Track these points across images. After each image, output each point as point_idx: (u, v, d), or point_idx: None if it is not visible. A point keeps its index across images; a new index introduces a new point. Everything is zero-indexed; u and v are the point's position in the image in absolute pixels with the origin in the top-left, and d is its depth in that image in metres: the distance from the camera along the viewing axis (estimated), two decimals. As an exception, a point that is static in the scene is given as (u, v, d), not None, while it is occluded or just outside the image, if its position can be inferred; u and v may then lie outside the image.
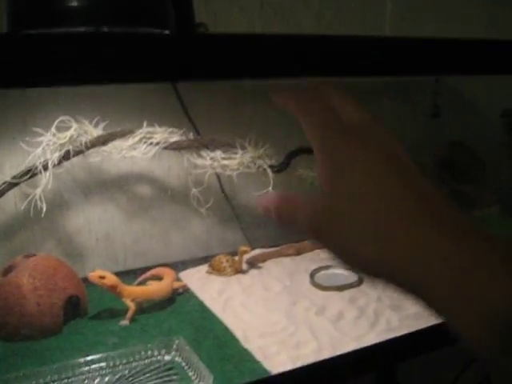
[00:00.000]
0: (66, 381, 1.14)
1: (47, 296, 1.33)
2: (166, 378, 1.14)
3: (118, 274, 1.55)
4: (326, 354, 1.24)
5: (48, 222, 1.64)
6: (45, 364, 1.21)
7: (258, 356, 1.23)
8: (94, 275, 1.38)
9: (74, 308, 1.42)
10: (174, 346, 1.23)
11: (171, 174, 1.78)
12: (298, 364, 1.19)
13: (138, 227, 1.77)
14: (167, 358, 1.22)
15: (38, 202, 1.39)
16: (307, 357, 1.23)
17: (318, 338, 1.31)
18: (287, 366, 1.19)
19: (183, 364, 1.19)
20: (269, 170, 1.56)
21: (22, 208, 1.49)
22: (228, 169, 1.54)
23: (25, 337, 1.32)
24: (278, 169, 1.61)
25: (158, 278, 1.57)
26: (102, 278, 1.38)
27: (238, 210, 1.85)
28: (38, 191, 1.38)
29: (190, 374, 1.15)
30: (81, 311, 1.43)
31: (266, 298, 1.52)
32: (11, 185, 1.43)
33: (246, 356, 1.23)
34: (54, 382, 1.14)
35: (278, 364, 1.20)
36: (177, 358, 1.21)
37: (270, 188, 1.55)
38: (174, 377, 1.15)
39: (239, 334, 1.33)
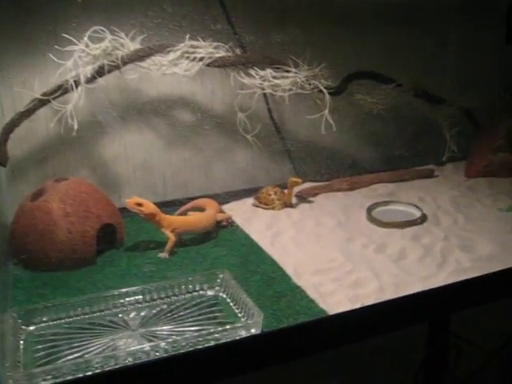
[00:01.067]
0: (98, 314, 1.02)
1: (79, 223, 1.21)
2: (209, 315, 1.01)
3: (156, 204, 1.42)
4: (389, 294, 1.09)
5: (82, 148, 1.51)
6: (76, 296, 1.10)
7: (312, 294, 1.09)
8: (130, 202, 1.25)
9: (108, 238, 1.30)
10: (218, 281, 1.10)
11: (215, 98, 1.62)
12: (358, 304, 1.05)
13: (178, 156, 1.62)
14: (210, 292, 1.09)
15: (69, 120, 1.25)
16: (368, 297, 1.08)
17: (379, 276, 1.16)
18: (346, 306, 1.04)
19: (228, 300, 1.06)
20: (325, 92, 1.38)
21: (53, 126, 1.34)
22: (279, 89, 1.37)
23: (55, 267, 1.20)
24: (335, 91, 1.43)
25: (200, 209, 1.43)
26: (140, 205, 1.25)
27: (288, 138, 1.69)
28: (69, 107, 1.24)
29: (237, 310, 1.02)
30: (116, 242, 1.31)
31: (319, 234, 1.37)
32: (41, 102, 1.30)
33: (298, 294, 1.09)
34: (85, 314, 1.02)
35: (335, 303, 1.06)
36: (221, 294, 1.08)
37: (326, 112, 1.38)
38: (218, 313, 1.02)
39: (290, 270, 1.19)
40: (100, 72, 1.29)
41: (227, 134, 1.63)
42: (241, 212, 1.50)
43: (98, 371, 0.85)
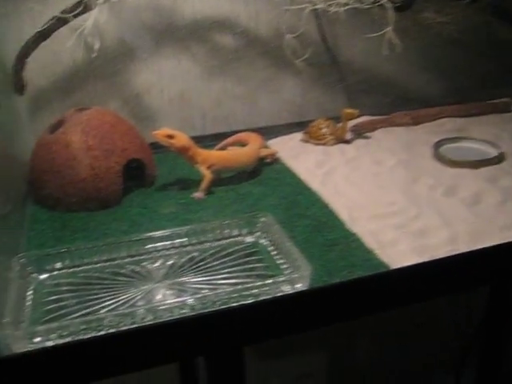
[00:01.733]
0: (119, 261, 0.88)
1: (103, 158, 1.06)
2: (246, 266, 0.86)
3: (194, 139, 1.27)
4: (463, 246, 0.91)
5: (112, 77, 1.36)
6: (98, 239, 0.96)
7: (370, 243, 0.92)
8: (159, 133, 1.09)
9: (136, 175, 1.15)
10: (259, 225, 0.94)
11: (260, 21, 1.42)
12: (426, 257, 0.88)
13: (218, 86, 1.45)
14: (250, 239, 0.93)
15: (89, 39, 1.08)
16: (437, 248, 0.91)
17: (450, 224, 0.97)
18: (410, 259, 0.87)
19: (270, 248, 0.90)
20: (388, 6, 1.17)
21: (74, 48, 1.18)
22: (334, 4, 1.16)
23: (76, 207, 1.06)
24: (400, 6, 1.22)
25: (242, 144, 1.26)
26: (170, 137, 1.09)
27: (343, 64, 1.48)
28: (89, 24, 1.07)
29: (280, 261, 0.86)
30: (145, 180, 1.16)
31: (377, 173, 1.19)
32: (60, 21, 1.13)
33: (353, 242, 0.92)
34: (104, 262, 0.88)
35: (397, 255, 0.88)
36: (262, 241, 0.92)
37: (390, 29, 1.16)
38: (258, 264, 0.86)
39: (344, 214, 1.01)
40: (126, -16, 1.12)
41: (273, 60, 1.44)
42: (287, 148, 1.32)
43: (110, 331, 0.71)
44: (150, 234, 0.91)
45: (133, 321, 0.72)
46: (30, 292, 0.82)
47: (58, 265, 0.87)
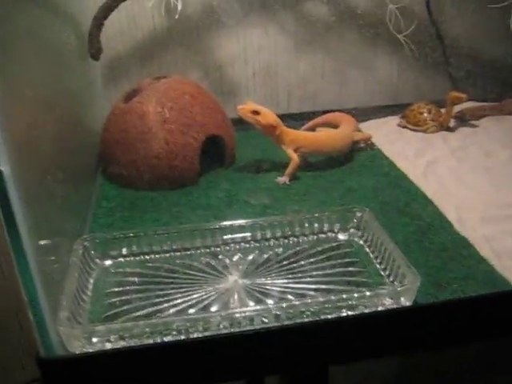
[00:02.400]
0: (192, 252, 0.77)
1: (180, 132, 0.95)
2: (339, 269, 0.73)
3: (278, 117, 1.15)
4: None
5: (194, 45, 1.25)
6: (169, 223, 0.86)
7: (485, 251, 0.77)
8: (244, 108, 0.97)
9: (215, 154, 1.04)
10: (355, 221, 0.80)
11: (358, -12, 1.27)
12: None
13: (307, 60, 1.31)
14: (342, 236, 0.80)
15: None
16: None
17: None
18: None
19: (367, 249, 0.77)
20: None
21: (157, 16, 1.08)
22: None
23: (148, 185, 0.97)
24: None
25: (334, 125, 1.13)
26: (256, 113, 0.97)
27: (449, 42, 1.32)
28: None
29: (379, 266, 0.73)
30: (225, 159, 1.05)
31: (488, 168, 1.03)
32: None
33: (464, 249, 0.78)
34: (176, 251, 0.77)
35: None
36: (357, 239, 0.79)
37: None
38: (351, 268, 0.73)
39: (451, 214, 0.87)
40: None
41: (369, 33, 1.29)
42: (382, 133, 1.18)
43: (179, 338, 0.60)
44: (229, 222, 0.79)
45: (206, 326, 0.60)
46: (92, 280, 0.73)
47: (124, 250, 0.77)
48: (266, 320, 0.62)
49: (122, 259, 0.77)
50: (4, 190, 0.52)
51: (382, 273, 0.71)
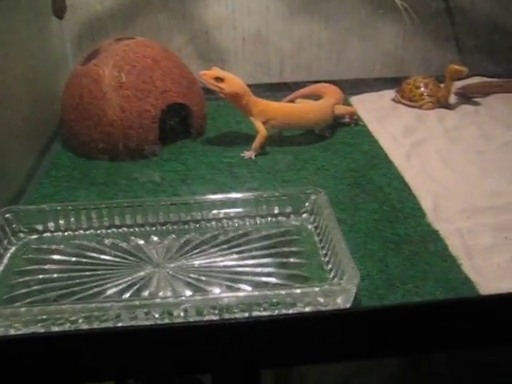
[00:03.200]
0: (125, 229, 0.70)
1: (136, 98, 0.87)
2: (281, 259, 0.64)
3: (268, 86, 1.06)
4: None
5: (177, 7, 1.16)
6: (115, 196, 0.79)
7: (456, 248, 0.68)
8: (206, 74, 0.88)
9: (182, 124, 0.96)
10: (308, 204, 0.71)
11: None
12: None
13: (302, 27, 1.21)
14: (293, 222, 0.71)
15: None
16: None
17: None
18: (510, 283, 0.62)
19: (316, 238, 0.68)
20: None
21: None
22: None
23: (103, 155, 0.90)
24: None
25: (317, 98, 1.03)
26: (220, 80, 0.88)
27: (456, 11, 1.19)
28: None
29: (323, 259, 0.64)
30: (192, 131, 0.97)
31: (483, 151, 0.92)
32: None
33: (432, 244, 0.68)
34: (109, 227, 0.70)
35: (491, 272, 0.64)
36: (309, 226, 0.70)
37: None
38: (292, 259, 0.64)
39: (427, 202, 0.77)
40: None
41: (372, 2, 1.18)
42: (374, 107, 1.08)
43: (79, 327, 0.53)
44: (166, 198, 0.71)
45: (104, 318, 0.53)
46: (8, 255, 0.66)
47: (51, 225, 0.70)
48: (182, 315, 0.54)
49: (47, 234, 0.70)
50: None
51: (325, 267, 0.62)
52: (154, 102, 0.88)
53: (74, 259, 0.65)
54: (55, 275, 0.63)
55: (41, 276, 0.63)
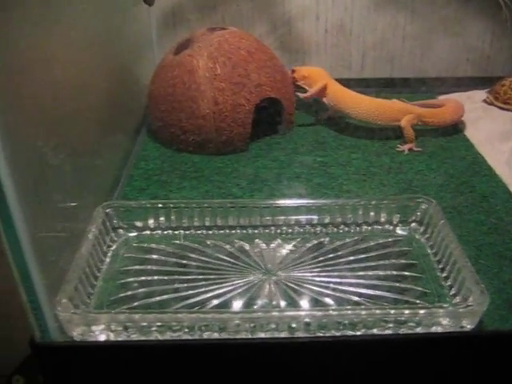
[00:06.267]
0: (227, 231, 0.68)
1: (231, 92, 0.85)
2: (389, 271, 0.61)
3: (347, 82, 1.02)
4: None
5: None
6: (208, 193, 0.77)
7: None
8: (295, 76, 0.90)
9: (271, 118, 0.93)
10: (418, 214, 0.68)
11: None
12: None
13: (386, 20, 1.17)
14: (401, 231, 0.68)
15: None
16: None
17: None
18: None
19: (429, 250, 0.65)
20: None
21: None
22: None
23: (192, 148, 0.88)
24: None
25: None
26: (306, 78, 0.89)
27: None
28: None
29: (440, 274, 0.61)
30: (282, 125, 0.94)
31: None
32: None
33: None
34: (210, 228, 0.68)
35: None
36: (418, 236, 0.67)
37: None
38: (406, 272, 0.61)
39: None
40: None
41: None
42: (465, 109, 1.03)
43: (191, 336, 0.51)
44: (270, 201, 0.69)
45: (223, 327, 0.51)
46: (110, 254, 0.65)
47: (151, 222, 0.68)
48: (294, 326, 0.52)
49: (147, 232, 0.68)
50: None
51: (443, 282, 0.59)
52: (248, 95, 0.86)
53: (176, 260, 0.64)
54: (158, 277, 0.61)
55: (143, 278, 0.61)
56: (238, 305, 0.56)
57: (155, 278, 0.61)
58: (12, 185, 0.45)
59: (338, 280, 0.60)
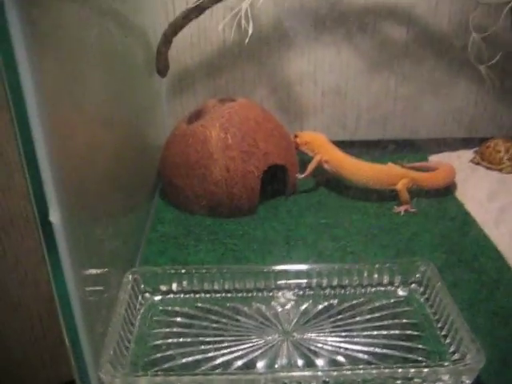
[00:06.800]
0: (245, 294, 0.74)
1: (241, 160, 0.93)
2: (393, 331, 0.68)
3: (343, 144, 1.10)
4: None
5: (262, 61, 1.22)
6: (224, 256, 0.84)
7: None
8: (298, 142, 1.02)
9: (277, 182, 1.01)
10: (418, 276, 0.75)
11: (439, 13, 1.20)
12: None
13: (379, 84, 1.26)
14: (402, 292, 0.75)
15: (243, 22, 0.94)
16: None
17: None
18: None
19: (428, 310, 0.72)
20: None
21: (224, 29, 1.07)
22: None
23: (205, 211, 0.95)
24: None
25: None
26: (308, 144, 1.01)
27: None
28: (245, 5, 0.93)
29: (439, 332, 0.68)
30: (287, 187, 1.02)
31: None
32: (214, -1, 1.00)
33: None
34: (226, 291, 0.75)
35: None
36: (418, 296, 0.74)
37: None
38: (409, 332, 0.68)
39: (525, 273, 0.81)
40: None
41: (450, 61, 1.22)
42: (455, 169, 1.11)
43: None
44: (284, 267, 0.76)
45: (250, 387, 0.58)
46: (139, 317, 0.71)
47: (174, 286, 0.75)
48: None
49: (171, 295, 0.75)
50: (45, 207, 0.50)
51: (443, 340, 0.66)
52: (256, 163, 0.93)
53: (199, 323, 0.70)
54: (184, 339, 0.67)
55: (170, 340, 0.67)
56: (260, 365, 0.63)
57: (181, 340, 0.67)
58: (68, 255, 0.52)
59: (348, 339, 0.66)
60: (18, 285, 1.08)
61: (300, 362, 0.63)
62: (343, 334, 0.67)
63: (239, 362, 0.63)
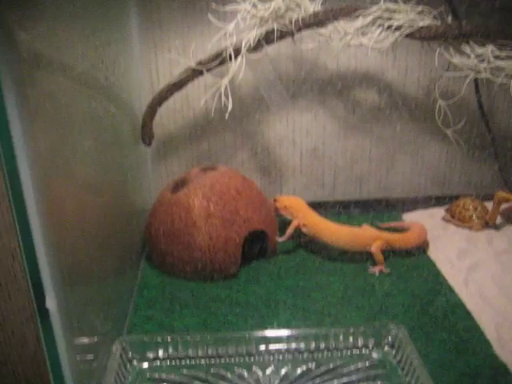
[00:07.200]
0: (227, 360, 0.78)
1: (223, 227, 0.98)
2: (372, 394, 0.73)
3: (320, 205, 1.17)
4: None
5: (242, 126, 1.28)
6: (207, 321, 0.88)
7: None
8: (278, 207, 1.09)
9: (257, 246, 1.06)
10: (390, 339, 0.80)
11: (409, 79, 1.28)
12: None
13: (354, 145, 1.33)
14: (376, 355, 0.80)
15: (223, 98, 1.00)
16: None
17: None
18: None
19: (400, 372, 0.76)
20: None
21: (205, 103, 1.14)
22: (502, 74, 1.00)
23: (189, 275, 0.99)
24: None
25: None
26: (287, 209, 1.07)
27: (499, 138, 1.31)
28: (224, 83, 1.00)
29: (411, 394, 0.72)
30: (267, 251, 1.07)
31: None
32: (196, 73, 1.07)
33: (502, 377, 0.76)
34: (210, 357, 0.79)
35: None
36: (391, 359, 0.79)
37: None
38: (385, 393, 0.73)
39: (491, 332, 0.85)
40: (268, 38, 1.02)
41: (420, 124, 1.30)
42: (427, 226, 1.17)
43: None
44: (264, 332, 0.80)
45: None
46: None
47: (161, 353, 0.79)
48: None
49: (158, 362, 0.78)
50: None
51: (415, 404, 0.70)
52: (238, 229, 0.98)
53: (185, 388, 0.74)
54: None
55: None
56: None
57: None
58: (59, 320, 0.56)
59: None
60: (3, 343, 1.10)
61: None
62: (322, 398, 0.72)
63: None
